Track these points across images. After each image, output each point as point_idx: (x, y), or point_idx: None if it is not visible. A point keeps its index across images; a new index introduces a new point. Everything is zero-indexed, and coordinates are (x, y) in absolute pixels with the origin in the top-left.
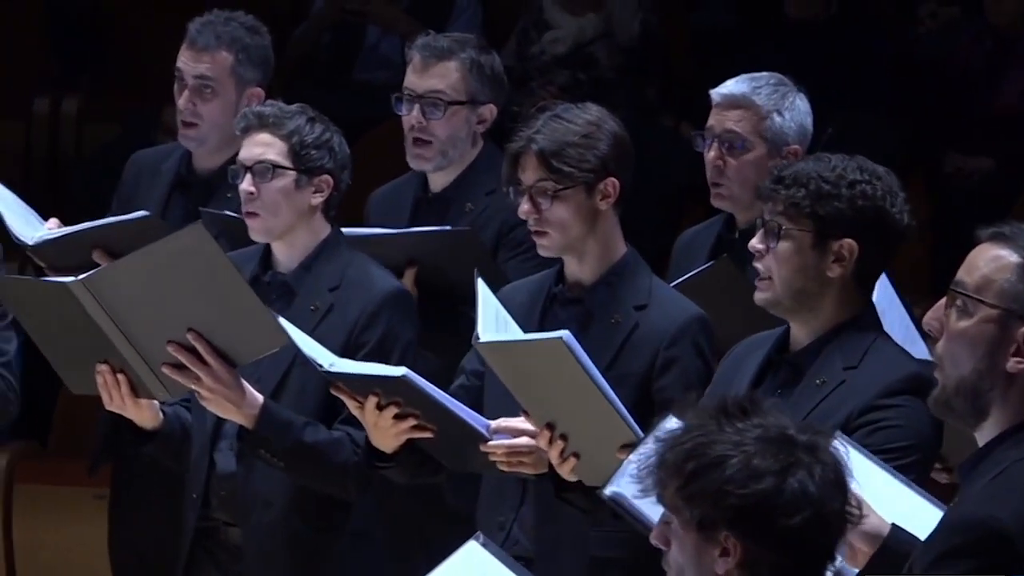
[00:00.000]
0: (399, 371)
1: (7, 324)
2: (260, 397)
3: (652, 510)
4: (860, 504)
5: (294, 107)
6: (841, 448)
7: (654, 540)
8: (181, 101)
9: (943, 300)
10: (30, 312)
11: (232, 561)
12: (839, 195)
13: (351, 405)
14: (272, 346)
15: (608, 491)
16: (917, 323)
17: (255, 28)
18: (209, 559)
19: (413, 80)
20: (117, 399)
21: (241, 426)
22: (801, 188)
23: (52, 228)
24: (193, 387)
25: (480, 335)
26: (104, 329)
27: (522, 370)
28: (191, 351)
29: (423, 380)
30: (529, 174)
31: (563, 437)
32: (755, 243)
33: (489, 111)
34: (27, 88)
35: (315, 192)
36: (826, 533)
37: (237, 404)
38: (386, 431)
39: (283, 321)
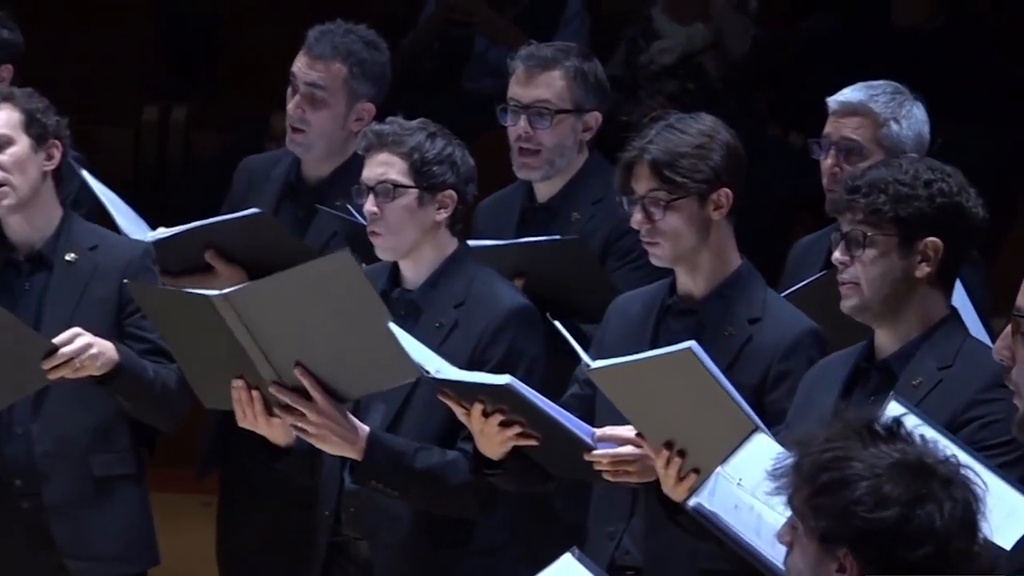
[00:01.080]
0: (503, 379)
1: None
2: (366, 429)
3: (740, 524)
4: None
5: (414, 123)
6: (979, 483)
7: (779, 539)
8: (291, 106)
9: (1008, 327)
10: (170, 324)
11: (362, 575)
12: (917, 195)
13: (458, 412)
14: (399, 380)
15: (692, 502)
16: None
17: (374, 43)
18: (340, 573)
19: (518, 91)
20: (251, 416)
21: (352, 459)
22: (880, 194)
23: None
24: (299, 424)
25: (590, 363)
26: (243, 345)
27: (638, 390)
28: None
29: (527, 389)
30: (642, 184)
31: (681, 453)
32: (838, 256)
33: (594, 118)
34: (137, 96)
35: (439, 208)
36: (946, 570)
37: (343, 439)
38: (492, 438)
39: (392, 326)
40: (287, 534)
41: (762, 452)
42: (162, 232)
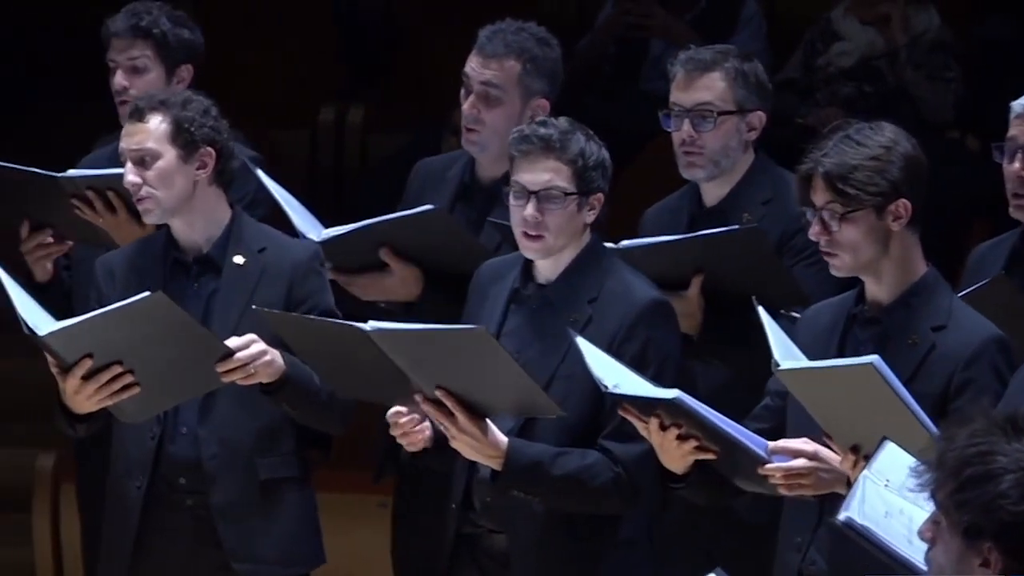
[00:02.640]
0: (671, 394)
1: None
2: (505, 441)
3: (892, 535)
4: None
5: (565, 124)
6: None
7: (921, 535)
8: (466, 106)
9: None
10: (312, 349)
11: (498, 568)
12: None
13: (639, 426)
14: (538, 413)
15: (842, 516)
16: None
17: (546, 40)
18: (474, 566)
19: (679, 95)
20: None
21: (492, 469)
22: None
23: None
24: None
25: (780, 362)
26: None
27: (824, 394)
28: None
29: (695, 402)
30: (818, 196)
31: (867, 459)
32: None
33: (758, 118)
34: (314, 97)
35: (589, 210)
36: None
37: (482, 453)
38: (671, 452)
39: (579, 340)
40: None
41: (906, 453)
42: (336, 230)
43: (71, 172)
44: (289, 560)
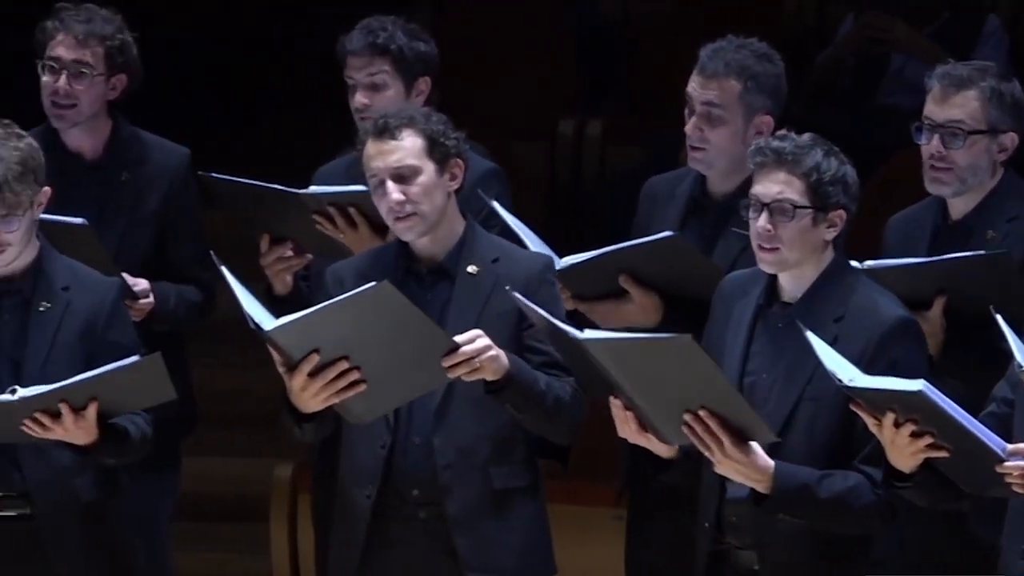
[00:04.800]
0: (916, 385)
1: None
2: (771, 464)
3: None
4: None
5: (806, 139)
6: None
7: None
8: (689, 126)
9: None
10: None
11: None
12: None
13: (869, 423)
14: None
15: None
16: None
17: (767, 56)
18: None
19: (933, 109)
20: (628, 432)
21: (755, 491)
22: None
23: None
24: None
25: (1023, 364)
26: (614, 375)
27: None
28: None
29: (940, 395)
30: None
31: None
32: None
33: (1010, 140)
34: (553, 110)
35: (829, 227)
36: None
37: (748, 477)
38: (903, 449)
39: (809, 335)
40: (695, 549)
41: None
42: (574, 258)
43: (313, 189)
44: (522, 570)
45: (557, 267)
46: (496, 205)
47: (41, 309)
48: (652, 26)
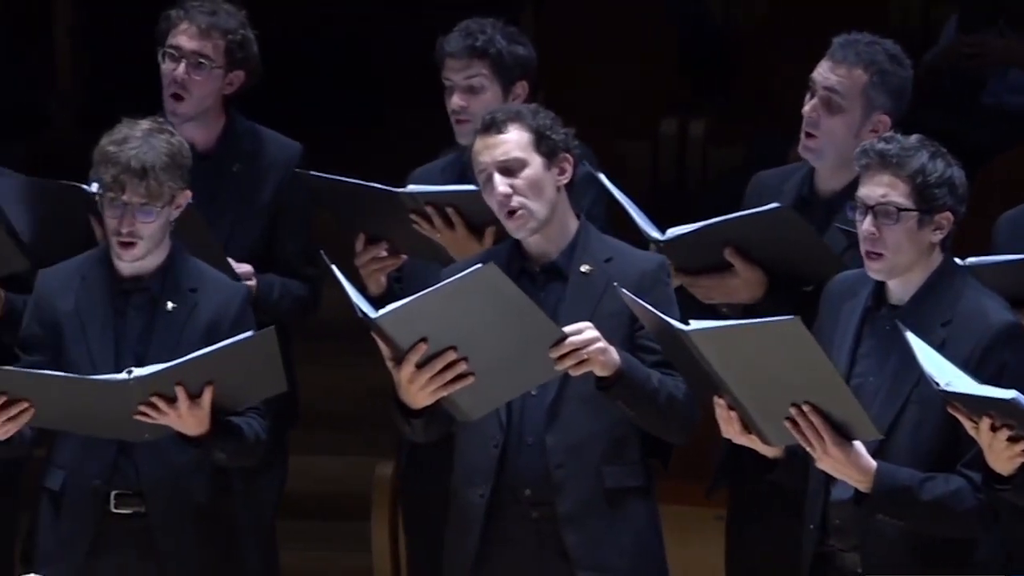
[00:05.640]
0: (1009, 394)
1: None
2: (873, 464)
3: None
4: None
5: (914, 141)
6: None
7: None
8: (807, 108)
9: None
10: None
11: None
12: None
13: (967, 425)
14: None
15: None
16: None
17: (898, 58)
18: None
19: None
20: (733, 432)
21: (856, 490)
22: None
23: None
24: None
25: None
26: (718, 371)
27: None
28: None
29: None
30: None
31: None
32: None
33: None
34: (656, 110)
35: (935, 229)
36: None
37: (849, 476)
38: (1000, 453)
39: (910, 336)
40: (795, 549)
41: None
42: (681, 229)
43: (411, 188)
44: (634, 571)
45: (663, 237)
46: (602, 177)
47: (168, 309)
48: (756, 26)
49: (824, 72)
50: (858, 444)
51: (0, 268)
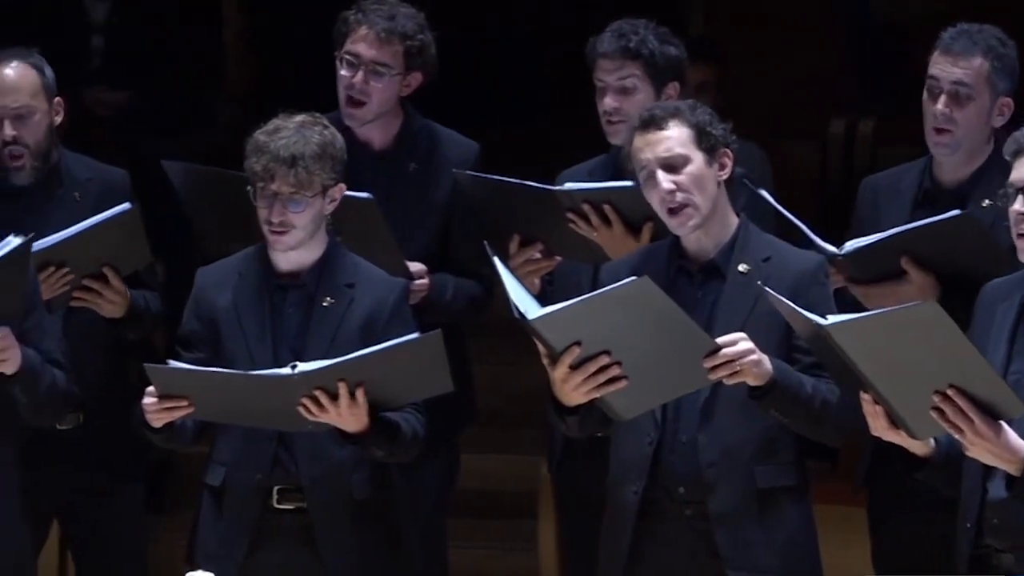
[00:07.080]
0: None
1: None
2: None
3: None
4: None
5: None
6: None
7: None
8: (939, 105)
9: None
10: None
11: None
12: None
13: None
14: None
15: None
16: None
17: (1003, 39)
18: None
19: None
20: (880, 428)
21: (1010, 477)
22: None
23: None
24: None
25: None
26: (860, 365)
27: None
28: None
29: None
30: None
31: None
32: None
33: None
34: (825, 109)
35: None
36: None
37: (999, 458)
38: None
39: None
40: (942, 546)
41: None
42: (858, 242)
43: (568, 185)
44: (786, 572)
45: (843, 251)
46: (765, 194)
47: (325, 304)
48: (924, 25)
49: (946, 67)
50: (1007, 427)
51: (128, 265)
